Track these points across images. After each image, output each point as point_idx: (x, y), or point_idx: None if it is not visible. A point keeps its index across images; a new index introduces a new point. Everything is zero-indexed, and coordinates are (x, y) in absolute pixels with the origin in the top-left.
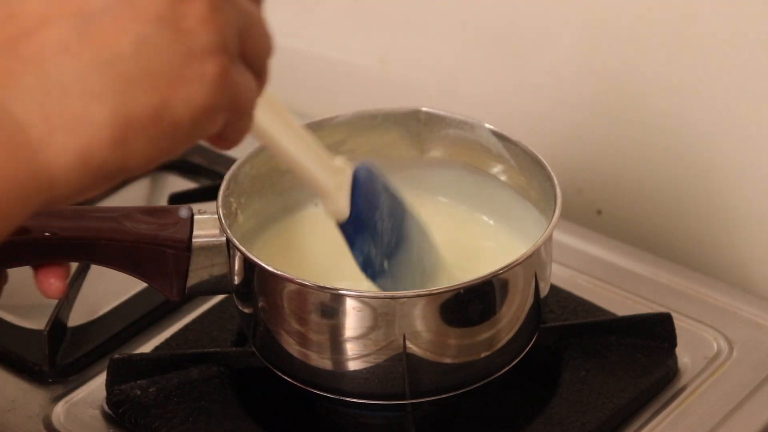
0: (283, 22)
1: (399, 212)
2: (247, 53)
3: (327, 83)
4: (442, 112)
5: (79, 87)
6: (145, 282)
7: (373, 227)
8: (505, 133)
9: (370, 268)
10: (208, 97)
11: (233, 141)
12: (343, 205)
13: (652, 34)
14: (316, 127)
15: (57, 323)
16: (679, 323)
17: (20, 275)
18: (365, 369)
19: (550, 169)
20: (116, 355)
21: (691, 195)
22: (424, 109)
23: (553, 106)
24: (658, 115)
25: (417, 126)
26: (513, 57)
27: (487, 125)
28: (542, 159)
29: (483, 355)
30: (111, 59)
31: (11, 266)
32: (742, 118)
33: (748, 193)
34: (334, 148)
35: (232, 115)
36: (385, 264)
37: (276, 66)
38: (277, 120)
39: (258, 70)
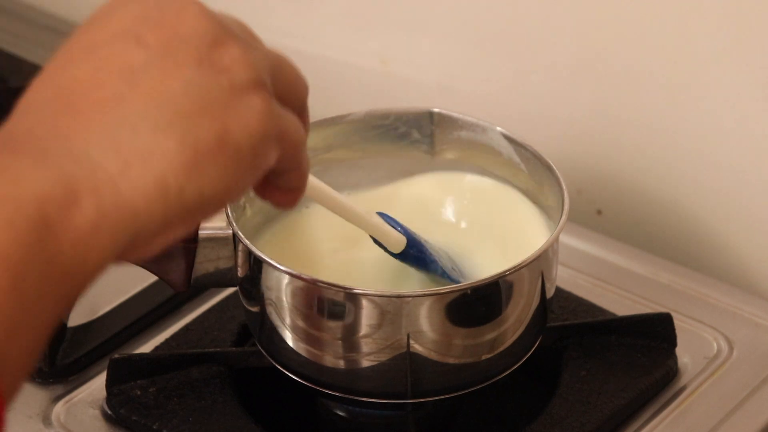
0: (283, 22)
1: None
2: (283, 94)
3: (327, 83)
4: (454, 114)
5: (144, 124)
6: (150, 272)
7: (422, 242)
8: (516, 136)
9: (446, 274)
10: (261, 125)
11: (293, 191)
12: (397, 234)
13: (652, 34)
14: (329, 125)
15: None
16: (679, 323)
17: None
18: (368, 367)
19: (559, 173)
20: (116, 355)
21: (691, 195)
22: (436, 110)
23: (553, 106)
24: (658, 115)
25: (429, 127)
26: (513, 57)
27: (498, 128)
28: (551, 163)
29: (487, 356)
30: (167, 99)
31: None
32: (742, 117)
33: (748, 193)
34: (345, 147)
35: (286, 150)
36: (450, 264)
37: None
38: (324, 187)
39: (298, 111)
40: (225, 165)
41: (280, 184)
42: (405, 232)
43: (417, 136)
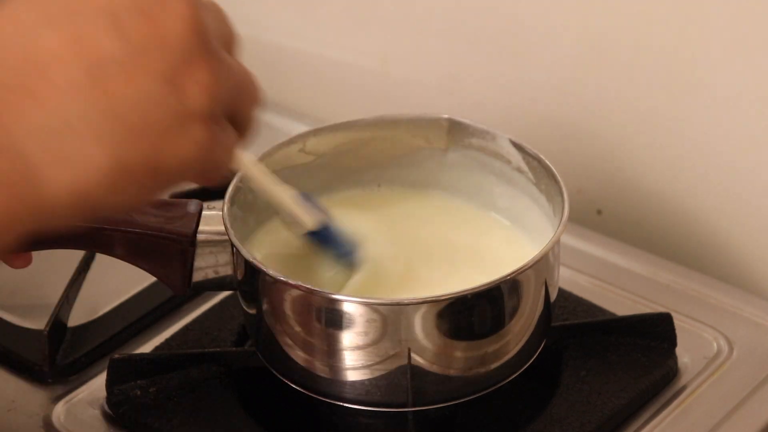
0: (283, 22)
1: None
2: (236, 112)
3: (327, 83)
4: (465, 121)
5: (83, 127)
6: (150, 274)
7: (335, 225)
8: (524, 144)
9: (351, 256)
10: (194, 155)
11: (210, 182)
12: (308, 216)
13: (653, 35)
14: (339, 129)
15: (57, 323)
16: (679, 323)
17: (21, 276)
18: (368, 375)
19: (558, 175)
20: (116, 355)
21: (691, 195)
22: (446, 116)
23: (553, 106)
24: (658, 115)
25: (440, 133)
26: (513, 57)
27: (507, 136)
28: (556, 173)
29: (490, 365)
30: (117, 108)
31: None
32: (742, 117)
33: (748, 193)
34: (355, 151)
35: (209, 170)
36: (354, 251)
37: (277, 66)
38: (250, 157)
39: (243, 126)
40: (145, 185)
41: (197, 177)
42: (323, 213)
43: (427, 141)
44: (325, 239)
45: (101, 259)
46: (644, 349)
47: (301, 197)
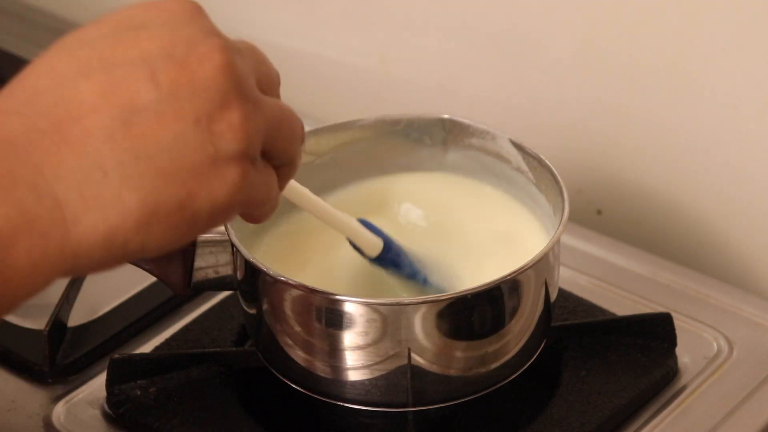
0: (283, 22)
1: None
2: (276, 149)
3: (327, 83)
4: (465, 121)
5: (117, 173)
6: (150, 274)
7: (400, 248)
8: (524, 144)
9: (422, 278)
10: (227, 197)
11: (257, 221)
12: (375, 239)
13: (653, 34)
14: (339, 130)
15: (57, 323)
16: (679, 323)
17: None
18: (368, 375)
19: (558, 175)
20: (116, 355)
21: (692, 195)
22: (447, 116)
23: (553, 106)
24: (659, 115)
25: (441, 133)
26: (513, 57)
27: (507, 136)
28: (551, 165)
29: (491, 365)
30: (149, 152)
31: None
32: (742, 117)
33: (748, 193)
34: (355, 151)
35: (249, 209)
36: (424, 270)
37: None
38: (304, 190)
39: (286, 162)
40: (177, 227)
41: (244, 215)
42: (384, 237)
43: (428, 142)
44: (390, 263)
45: None
46: (644, 349)
47: (362, 224)
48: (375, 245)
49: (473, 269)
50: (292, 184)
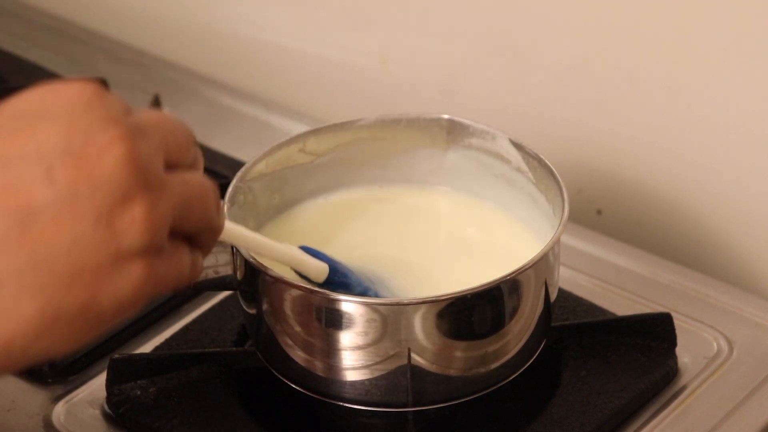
0: (283, 22)
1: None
2: (189, 223)
3: (327, 83)
4: (465, 121)
5: (13, 282)
6: None
7: (346, 270)
8: (524, 144)
9: (373, 294)
10: (132, 294)
11: (178, 291)
12: (318, 264)
13: (652, 34)
14: (339, 130)
15: None
16: (679, 323)
17: None
18: (368, 375)
19: (558, 175)
20: (116, 355)
21: (691, 195)
22: (447, 116)
23: (553, 106)
24: (658, 115)
25: (440, 133)
26: (513, 57)
27: (507, 136)
28: (551, 165)
29: (491, 365)
30: (47, 256)
31: None
32: (742, 117)
33: (748, 193)
34: (355, 151)
35: (162, 292)
36: (371, 284)
37: (276, 66)
38: (239, 230)
39: (204, 228)
40: (81, 329)
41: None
42: (328, 261)
43: (428, 142)
44: (339, 286)
45: None
46: (644, 349)
47: (304, 251)
48: (321, 271)
49: (446, 274)
50: (227, 225)
